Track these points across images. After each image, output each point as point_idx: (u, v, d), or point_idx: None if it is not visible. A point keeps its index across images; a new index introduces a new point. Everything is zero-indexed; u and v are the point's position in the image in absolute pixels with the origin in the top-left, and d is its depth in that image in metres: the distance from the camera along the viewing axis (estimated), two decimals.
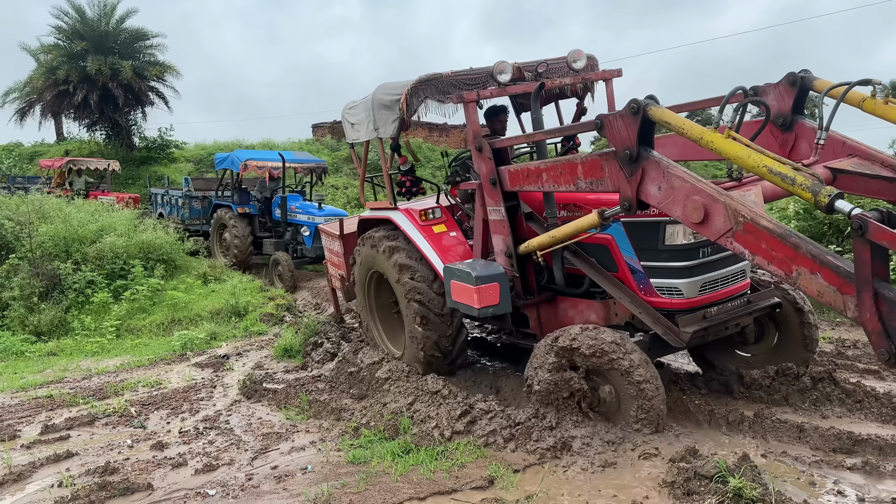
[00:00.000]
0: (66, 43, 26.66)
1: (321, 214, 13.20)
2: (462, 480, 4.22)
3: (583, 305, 5.40)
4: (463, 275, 5.21)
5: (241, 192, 14.70)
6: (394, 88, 5.95)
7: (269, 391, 6.73)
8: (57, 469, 4.99)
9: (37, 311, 10.79)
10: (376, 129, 6.34)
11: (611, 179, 4.31)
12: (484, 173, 5.47)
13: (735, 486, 3.50)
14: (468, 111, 5.53)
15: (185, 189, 16.85)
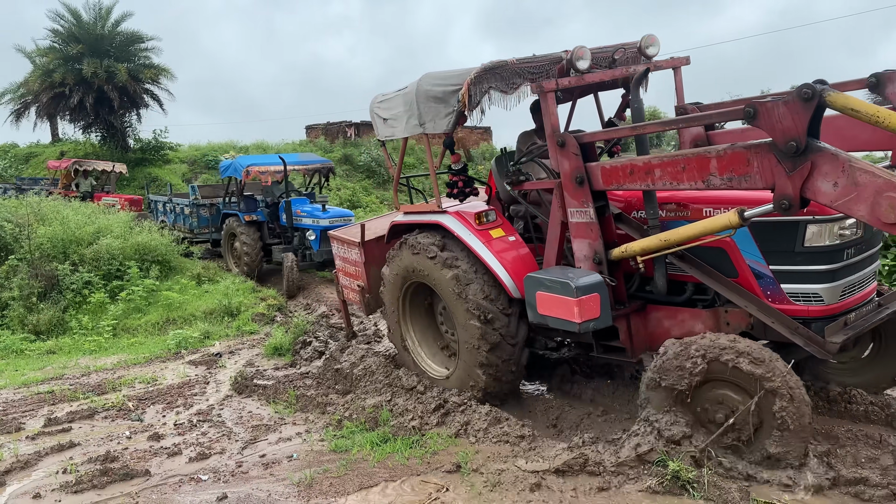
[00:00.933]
0: (62, 46, 26.96)
1: (326, 217, 13.10)
2: (433, 465, 4.64)
3: (685, 315, 4.92)
4: (556, 285, 4.68)
5: (247, 200, 14.33)
6: (447, 78, 5.41)
7: (259, 387, 7.13)
8: (61, 458, 5.39)
9: (35, 310, 11.16)
10: (422, 124, 5.79)
11: (761, 175, 3.85)
12: (566, 171, 4.93)
13: (673, 469, 3.93)
14: (546, 102, 5.01)
15: (193, 197, 16.43)
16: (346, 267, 7.87)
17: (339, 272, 8.09)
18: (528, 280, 4.99)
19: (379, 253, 7.07)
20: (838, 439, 4.57)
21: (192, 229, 16.25)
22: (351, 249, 7.59)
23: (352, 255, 7.60)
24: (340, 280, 8.09)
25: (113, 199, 19.38)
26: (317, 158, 15.23)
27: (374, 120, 6.62)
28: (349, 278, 7.85)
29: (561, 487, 4.10)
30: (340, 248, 7.93)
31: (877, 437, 4.56)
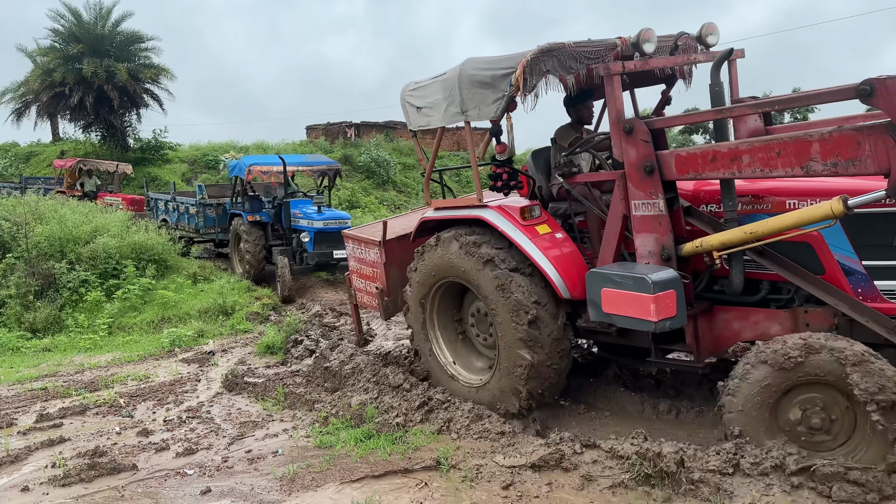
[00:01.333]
0: (63, 45, 27.11)
1: (320, 218, 12.94)
2: (414, 461, 4.72)
3: (759, 316, 4.60)
4: (629, 281, 4.35)
5: (252, 200, 14.10)
6: (496, 62, 5.11)
7: (249, 384, 7.22)
8: (51, 452, 5.48)
9: (32, 308, 11.28)
10: (464, 112, 5.43)
11: (874, 159, 3.57)
12: (633, 160, 4.62)
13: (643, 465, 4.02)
14: (612, 86, 4.70)
15: (200, 196, 16.04)
16: (362, 268, 7.37)
17: (353, 274, 7.57)
18: (591, 276, 4.64)
19: (400, 253, 6.76)
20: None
21: (198, 229, 15.97)
22: (369, 249, 7.12)
23: (370, 255, 7.14)
24: (354, 283, 7.58)
25: (115, 198, 19.44)
26: (323, 160, 14.99)
27: (406, 109, 6.24)
28: (365, 280, 7.35)
29: (536, 482, 4.19)
30: (356, 249, 7.43)
31: None
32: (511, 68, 4.87)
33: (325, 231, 12.79)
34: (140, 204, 19.79)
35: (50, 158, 29.14)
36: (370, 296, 7.23)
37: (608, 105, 4.80)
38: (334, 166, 14.42)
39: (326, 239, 12.76)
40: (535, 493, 4.06)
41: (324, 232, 12.79)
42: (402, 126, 35.29)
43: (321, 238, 12.76)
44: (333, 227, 12.79)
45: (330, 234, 12.77)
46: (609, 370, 6.35)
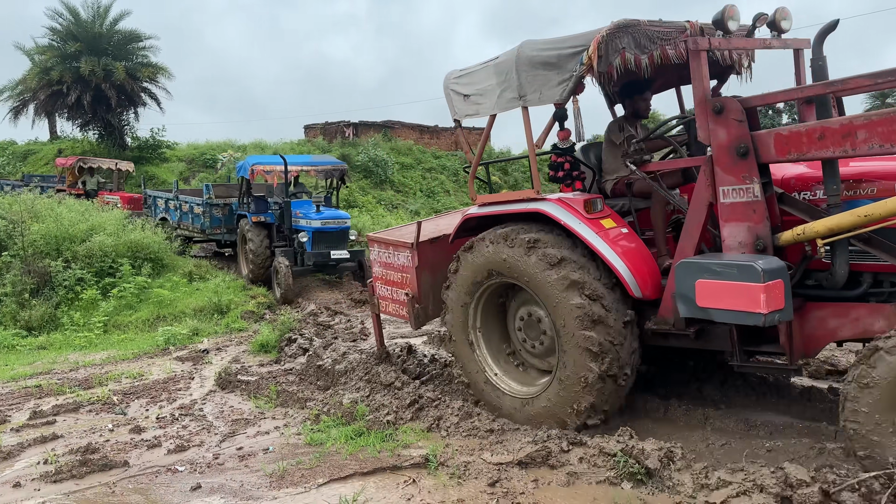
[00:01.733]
0: (61, 44, 27.14)
1: (318, 218, 12.75)
2: (403, 458, 4.76)
3: (860, 311, 4.17)
4: (733, 270, 3.97)
5: (258, 201, 13.86)
6: (561, 42, 4.81)
7: (242, 382, 7.26)
8: (43, 449, 5.51)
9: (28, 306, 11.31)
10: (521, 97, 5.10)
11: None
12: (723, 141, 4.29)
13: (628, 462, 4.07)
14: (699, 62, 4.38)
15: (206, 196, 15.69)
16: (389, 274, 6.82)
17: (378, 281, 7.01)
18: (683, 267, 4.24)
19: (433, 257, 6.36)
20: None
21: (204, 229, 15.68)
22: (398, 253, 6.61)
23: (399, 259, 6.63)
24: (377, 290, 7.02)
25: (113, 197, 19.45)
26: (329, 160, 14.74)
27: (451, 98, 5.86)
28: (391, 287, 6.82)
29: (522, 479, 4.23)
30: (382, 253, 6.90)
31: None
32: (581, 46, 4.59)
33: (323, 231, 12.66)
34: (137, 203, 19.68)
35: (48, 157, 29.19)
36: (398, 304, 6.71)
37: (694, 84, 4.42)
38: (340, 166, 14.15)
39: (325, 239, 12.63)
40: (521, 490, 4.09)
41: (322, 232, 12.66)
42: (400, 125, 35.35)
43: (319, 238, 12.62)
44: (332, 226, 12.72)
45: (329, 233, 12.68)
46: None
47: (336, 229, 12.85)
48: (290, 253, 12.88)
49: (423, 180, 30.62)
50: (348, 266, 13.22)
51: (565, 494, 4.04)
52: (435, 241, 6.42)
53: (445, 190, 30.31)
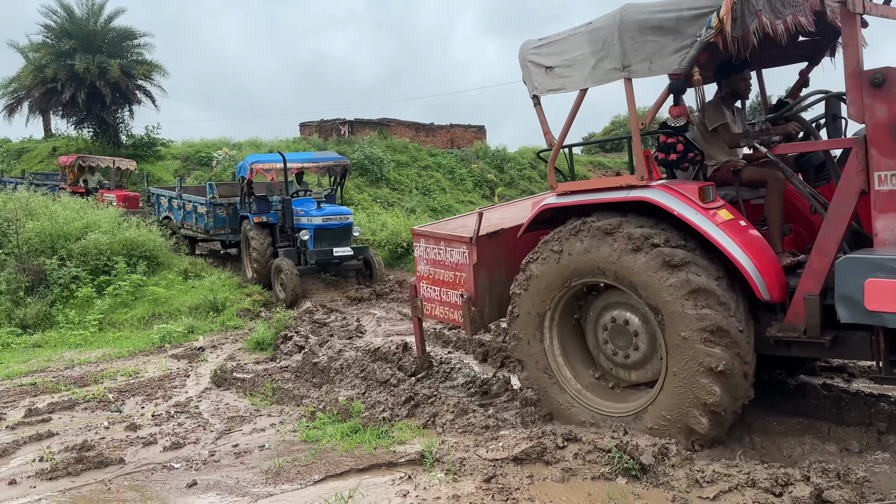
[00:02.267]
0: (55, 41, 27.04)
1: (320, 214, 12.37)
2: (398, 455, 4.77)
3: None
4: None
5: (258, 200, 13.54)
6: (676, 4, 4.23)
7: (238, 380, 7.26)
8: (38, 446, 5.51)
9: (23, 304, 11.29)
10: (625, 67, 4.47)
11: None
12: (883, 120, 3.81)
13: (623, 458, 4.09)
14: (852, 29, 3.93)
15: (210, 196, 15.21)
16: (438, 273, 6.14)
17: (422, 281, 6.35)
18: (848, 264, 3.72)
19: (491, 253, 5.75)
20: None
21: (208, 229, 15.18)
22: (452, 249, 5.93)
23: (451, 256, 5.93)
24: (422, 291, 6.39)
25: (110, 195, 19.29)
26: (331, 155, 14.30)
27: (530, 71, 5.13)
28: (440, 288, 6.13)
29: (517, 475, 4.24)
30: (430, 249, 6.23)
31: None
32: (707, 7, 4.01)
33: (324, 228, 12.32)
34: (134, 201, 19.44)
35: (42, 154, 29.08)
36: (448, 306, 6.04)
37: (847, 52, 3.94)
38: (343, 162, 13.76)
39: (327, 236, 12.29)
40: (517, 486, 4.11)
41: (324, 229, 12.31)
42: (395, 123, 35.33)
43: (321, 235, 12.28)
44: (334, 223, 12.40)
45: (330, 230, 12.34)
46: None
47: (338, 226, 12.48)
48: (293, 253, 12.55)
49: (419, 178, 30.61)
50: (353, 264, 12.88)
51: (560, 490, 4.06)
52: (493, 235, 5.79)
53: (441, 188, 30.31)
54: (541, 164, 35.44)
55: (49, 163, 28.01)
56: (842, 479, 3.71)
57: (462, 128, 38.21)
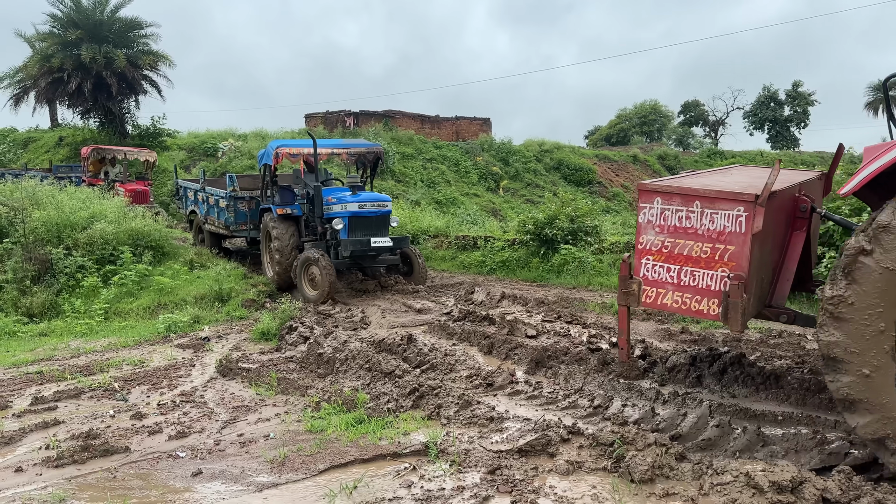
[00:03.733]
0: (61, 31, 27.10)
1: (355, 200, 11.05)
2: (403, 445, 4.78)
3: None
4: None
5: (282, 191, 12.27)
6: None
7: (243, 370, 7.28)
8: (45, 434, 5.53)
9: (29, 293, 11.33)
10: None
11: None
12: None
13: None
14: None
15: (231, 188, 14.01)
16: (681, 245, 4.69)
17: (647, 255, 4.85)
18: None
19: (768, 221, 4.40)
20: None
21: (228, 225, 13.99)
22: (714, 211, 4.51)
23: (712, 221, 4.51)
24: (643, 270, 4.89)
25: (122, 189, 19.08)
26: (362, 142, 13.11)
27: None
28: (684, 267, 4.68)
29: (522, 467, 4.24)
30: (671, 211, 4.73)
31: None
32: None
33: (361, 215, 11.06)
34: (144, 196, 19.11)
35: (48, 144, 29.18)
36: (694, 292, 4.63)
37: None
38: (375, 149, 12.44)
39: (363, 225, 11.07)
40: (521, 478, 4.11)
41: (360, 217, 11.06)
42: (401, 115, 35.30)
43: (357, 224, 11.04)
44: (371, 210, 11.15)
45: (368, 218, 11.10)
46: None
47: (376, 213, 11.20)
48: (322, 246, 11.33)
49: (424, 170, 30.62)
50: (389, 259, 11.67)
51: (565, 482, 4.06)
52: (774, 196, 4.41)
53: (446, 180, 30.30)
54: (546, 156, 35.36)
55: (55, 152, 28.11)
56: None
57: (467, 120, 38.18)
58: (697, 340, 7.06)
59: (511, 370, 6.46)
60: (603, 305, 9.43)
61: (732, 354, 5.79)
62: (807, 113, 59.67)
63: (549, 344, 7.10)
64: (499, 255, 13.76)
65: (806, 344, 6.81)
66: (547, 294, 10.66)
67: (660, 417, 4.83)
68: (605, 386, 5.84)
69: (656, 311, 8.63)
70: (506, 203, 29.47)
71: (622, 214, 29.22)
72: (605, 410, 5.14)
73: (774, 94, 59.55)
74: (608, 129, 64.03)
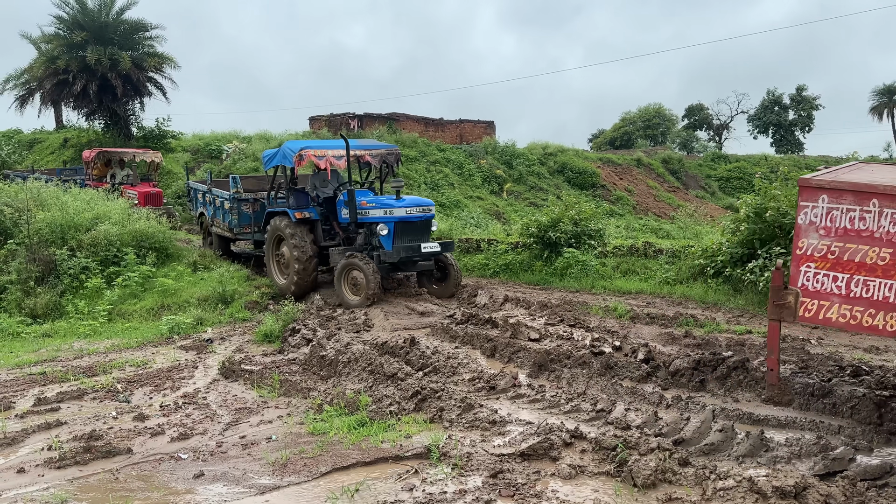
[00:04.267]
0: (67, 33, 27.17)
1: (401, 205, 10.64)
2: (405, 448, 4.78)
3: None
4: None
5: (297, 194, 11.81)
6: None
7: (246, 371, 7.28)
8: (47, 435, 5.54)
9: (33, 294, 11.35)
10: None
11: None
12: None
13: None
14: None
15: (234, 190, 13.57)
16: (854, 250, 4.21)
17: (809, 262, 4.39)
18: None
19: None
20: None
21: (232, 228, 13.57)
22: (894, 211, 4.04)
23: (894, 223, 4.04)
24: (802, 279, 4.42)
25: (133, 192, 18.50)
26: (383, 143, 12.77)
27: None
28: (856, 276, 4.20)
29: (524, 471, 4.23)
30: (840, 211, 4.25)
31: None
32: None
33: (407, 221, 10.65)
34: (157, 198, 18.46)
35: (53, 146, 29.28)
36: (869, 305, 4.15)
37: None
38: (395, 150, 12.12)
39: (409, 230, 10.70)
40: (523, 482, 4.10)
41: (406, 222, 10.65)
42: (405, 118, 35.33)
43: (403, 230, 10.64)
44: (418, 215, 10.77)
45: (414, 224, 10.73)
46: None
47: (422, 218, 10.82)
48: (355, 250, 10.83)
49: (428, 173, 30.60)
50: (425, 264, 11.19)
51: (567, 487, 4.05)
52: None
53: (450, 183, 30.28)
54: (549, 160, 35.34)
55: (60, 154, 28.20)
56: None
57: (471, 123, 38.18)
58: (701, 345, 7.03)
59: (514, 373, 6.45)
60: (606, 309, 9.41)
61: (736, 359, 5.77)
62: (811, 117, 59.59)
63: (551, 347, 7.08)
64: (502, 259, 13.75)
65: (810, 349, 6.78)
66: (550, 297, 10.64)
67: (663, 422, 4.82)
68: (608, 390, 5.84)
69: (660, 315, 8.61)
70: (509, 206, 29.44)
71: (626, 218, 29.18)
72: (607, 414, 5.13)
73: (779, 99, 59.49)
74: (612, 132, 64.02)
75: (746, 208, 9.54)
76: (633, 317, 8.84)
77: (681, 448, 4.36)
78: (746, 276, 9.10)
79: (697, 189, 39.73)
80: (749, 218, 9.40)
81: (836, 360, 6.12)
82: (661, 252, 12.19)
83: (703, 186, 40.31)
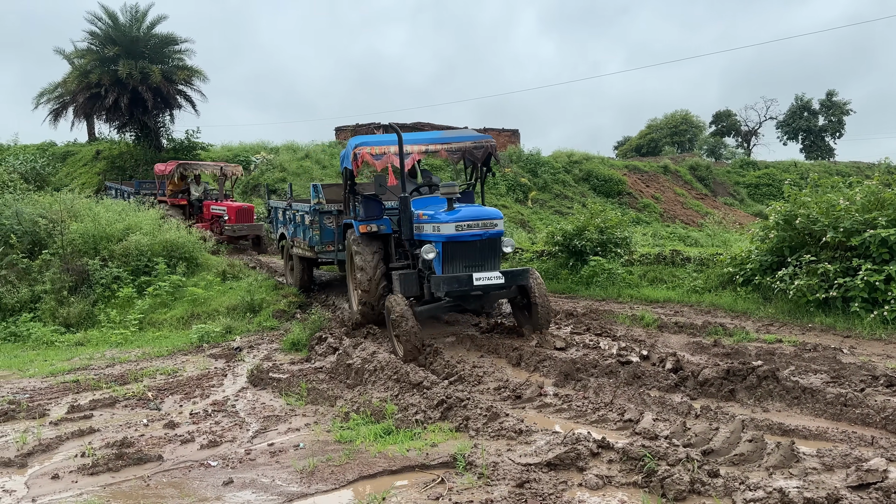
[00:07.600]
0: (99, 48, 27.76)
1: (452, 219, 7.72)
2: (431, 457, 4.78)
3: None
4: None
5: (367, 202, 9.35)
6: None
7: (274, 380, 7.36)
8: (80, 442, 5.65)
9: (66, 304, 11.61)
10: None
11: None
12: None
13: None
14: None
15: (315, 200, 11.30)
16: None
17: None
18: None
19: None
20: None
21: (313, 245, 11.23)
22: None
23: None
24: None
25: (221, 208, 17.42)
26: (467, 135, 9.57)
27: None
28: None
29: (550, 481, 4.22)
30: None
31: None
32: None
33: (459, 240, 7.76)
34: (249, 214, 17.13)
35: (86, 158, 29.89)
36: None
37: None
38: (486, 142, 9.31)
39: (463, 253, 7.84)
40: (550, 492, 4.08)
41: (458, 242, 7.78)
42: (430, 127, 35.42)
43: (454, 252, 7.83)
44: (474, 233, 7.78)
45: (468, 244, 7.81)
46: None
47: (481, 236, 7.82)
48: (413, 279, 8.24)
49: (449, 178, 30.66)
50: (500, 294, 8.25)
51: (594, 497, 4.03)
52: None
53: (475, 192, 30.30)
54: (574, 167, 35.24)
55: (92, 166, 28.76)
56: None
57: (496, 132, 38.17)
58: (730, 354, 6.95)
59: (540, 383, 6.43)
60: (633, 318, 9.34)
61: (766, 368, 5.69)
62: (842, 122, 58.66)
63: (577, 356, 7.05)
64: (527, 267, 13.71)
65: (842, 358, 6.67)
66: (576, 306, 10.59)
67: (691, 432, 4.76)
68: (636, 399, 5.80)
69: (688, 324, 8.53)
70: (534, 214, 29.38)
71: (652, 226, 28.93)
72: (635, 424, 5.09)
73: (808, 104, 58.67)
74: (638, 139, 63.64)
75: (776, 215, 9.41)
76: (660, 326, 8.76)
77: (710, 459, 4.31)
78: (776, 285, 8.97)
79: (726, 196, 39.31)
80: (779, 225, 9.28)
81: (868, 370, 6.00)
82: (688, 260, 12.07)
83: (731, 193, 39.88)
